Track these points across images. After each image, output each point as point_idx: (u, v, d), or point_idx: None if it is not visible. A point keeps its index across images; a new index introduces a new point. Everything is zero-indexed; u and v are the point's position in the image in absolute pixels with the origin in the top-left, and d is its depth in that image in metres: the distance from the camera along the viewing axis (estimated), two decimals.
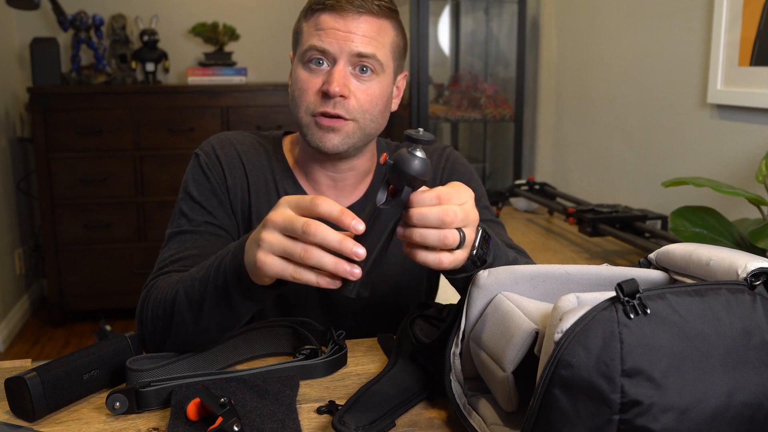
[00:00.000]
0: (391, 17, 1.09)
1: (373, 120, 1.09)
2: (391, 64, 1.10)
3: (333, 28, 1.04)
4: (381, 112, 1.10)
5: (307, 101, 1.07)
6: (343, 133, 1.07)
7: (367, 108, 1.07)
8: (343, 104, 1.05)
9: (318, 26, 1.06)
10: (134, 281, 3.32)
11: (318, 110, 1.06)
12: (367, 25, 1.05)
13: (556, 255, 2.01)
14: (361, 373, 0.96)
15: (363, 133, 1.09)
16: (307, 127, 1.08)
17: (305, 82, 1.07)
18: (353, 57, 1.05)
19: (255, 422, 0.79)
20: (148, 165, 3.33)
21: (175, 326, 0.94)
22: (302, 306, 1.19)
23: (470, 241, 0.80)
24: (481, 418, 0.78)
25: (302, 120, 1.08)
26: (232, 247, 0.87)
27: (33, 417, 0.83)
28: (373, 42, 1.05)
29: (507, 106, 3.00)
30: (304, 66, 1.07)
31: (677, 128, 1.99)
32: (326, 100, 1.05)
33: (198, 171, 1.15)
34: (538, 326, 0.71)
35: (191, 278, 0.92)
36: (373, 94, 1.07)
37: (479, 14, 3.21)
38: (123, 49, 3.55)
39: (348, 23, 1.04)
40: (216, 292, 0.88)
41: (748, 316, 0.65)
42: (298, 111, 1.08)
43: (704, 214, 1.39)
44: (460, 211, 0.76)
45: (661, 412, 0.60)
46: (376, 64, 1.06)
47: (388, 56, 1.08)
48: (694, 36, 1.89)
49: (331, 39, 1.04)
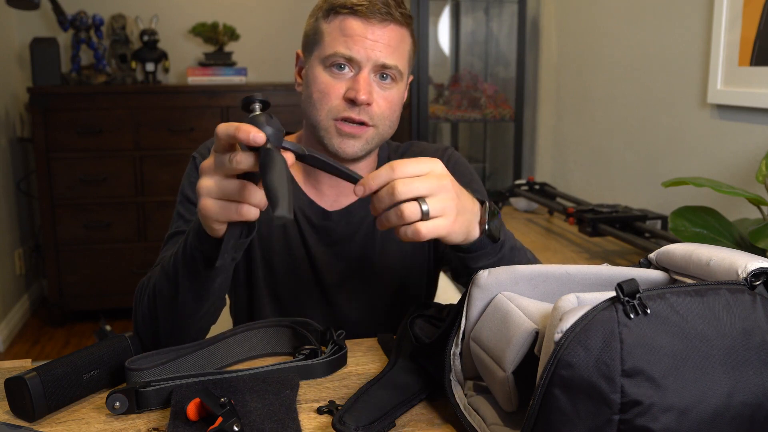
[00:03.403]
0: (409, 25, 1.11)
1: (391, 126, 1.12)
2: (407, 72, 1.13)
3: (360, 36, 1.05)
4: (397, 118, 1.13)
5: (330, 105, 1.07)
6: (363, 140, 1.08)
7: (387, 114, 1.09)
8: (367, 111, 1.06)
9: (344, 31, 1.06)
10: (134, 281, 3.32)
11: (341, 115, 1.06)
12: (392, 33, 1.06)
13: (556, 255, 2.01)
14: (361, 373, 0.96)
15: (380, 138, 1.11)
16: (326, 131, 1.08)
17: (328, 86, 1.07)
18: (378, 66, 1.06)
19: (255, 422, 0.79)
20: (148, 165, 3.33)
21: (159, 309, 0.97)
22: (302, 306, 1.19)
23: (445, 208, 0.80)
24: (481, 418, 0.78)
25: (321, 123, 1.08)
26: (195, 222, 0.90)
27: (33, 417, 0.83)
28: (396, 52, 1.07)
29: (507, 106, 3.00)
30: (326, 69, 1.07)
31: (677, 128, 1.99)
32: (351, 107, 1.06)
33: (194, 173, 1.16)
34: (538, 326, 0.71)
35: (169, 257, 0.96)
36: (393, 101, 1.09)
37: (479, 14, 3.21)
38: (123, 49, 3.55)
39: (375, 31, 1.05)
40: (185, 261, 0.91)
41: (748, 316, 0.65)
42: (317, 114, 1.08)
43: (704, 214, 1.39)
44: (416, 181, 0.78)
45: (661, 412, 0.60)
46: (397, 73, 1.08)
47: (405, 64, 1.11)
48: (694, 36, 1.89)
49: (359, 47, 1.04)
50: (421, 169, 0.79)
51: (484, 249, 0.90)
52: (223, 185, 0.78)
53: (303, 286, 1.19)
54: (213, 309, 1.00)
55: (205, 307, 0.97)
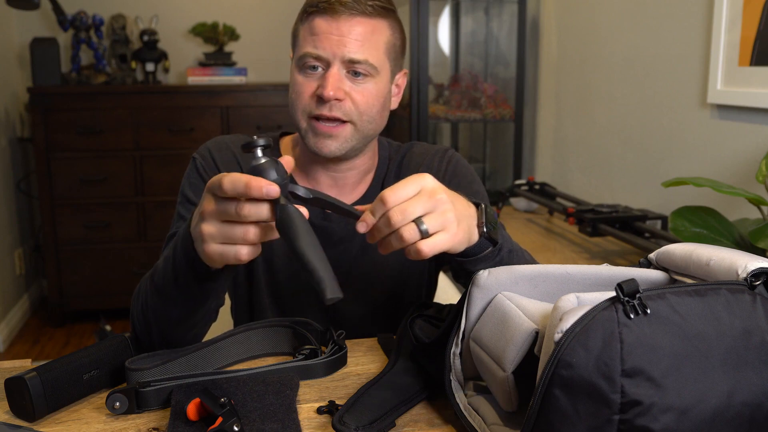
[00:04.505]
0: (386, 16, 1.09)
1: (371, 121, 1.10)
2: (387, 65, 1.10)
3: (326, 33, 1.05)
4: (378, 113, 1.10)
5: (303, 104, 1.08)
6: (340, 138, 1.08)
7: (364, 109, 1.08)
8: (339, 106, 1.06)
9: (312, 30, 1.06)
10: (134, 281, 3.30)
11: (314, 113, 1.06)
12: (360, 27, 1.05)
13: (556, 255, 2.01)
14: (361, 373, 0.96)
15: (361, 135, 1.10)
16: (305, 131, 1.09)
17: (301, 86, 1.08)
18: (346, 62, 1.05)
19: (255, 422, 0.79)
20: (148, 165, 3.33)
21: (152, 321, 0.96)
22: (302, 306, 1.19)
23: (444, 223, 0.80)
24: (481, 418, 0.78)
25: (300, 123, 1.09)
26: (180, 239, 0.88)
27: (33, 417, 0.83)
28: (365, 45, 1.05)
29: (507, 106, 3.00)
30: (300, 70, 1.08)
31: (677, 128, 1.99)
32: (322, 104, 1.06)
33: (194, 174, 1.16)
34: (538, 326, 0.71)
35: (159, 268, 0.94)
36: (369, 95, 1.08)
37: (479, 14, 3.20)
38: (123, 49, 3.55)
39: (341, 26, 1.05)
40: (176, 282, 0.89)
41: (748, 316, 0.65)
42: (295, 114, 1.10)
43: (704, 214, 1.39)
44: (411, 204, 0.78)
45: (661, 412, 0.60)
46: (369, 68, 1.06)
47: (382, 58, 1.08)
48: (694, 36, 1.89)
49: (325, 44, 1.05)
50: (412, 190, 0.79)
51: (483, 252, 0.90)
52: (226, 231, 0.77)
53: (303, 286, 1.19)
54: (206, 319, 0.99)
55: (198, 316, 0.96)
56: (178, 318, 0.94)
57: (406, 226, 0.78)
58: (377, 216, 0.79)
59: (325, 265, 0.71)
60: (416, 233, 0.78)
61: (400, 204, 0.78)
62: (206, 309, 0.96)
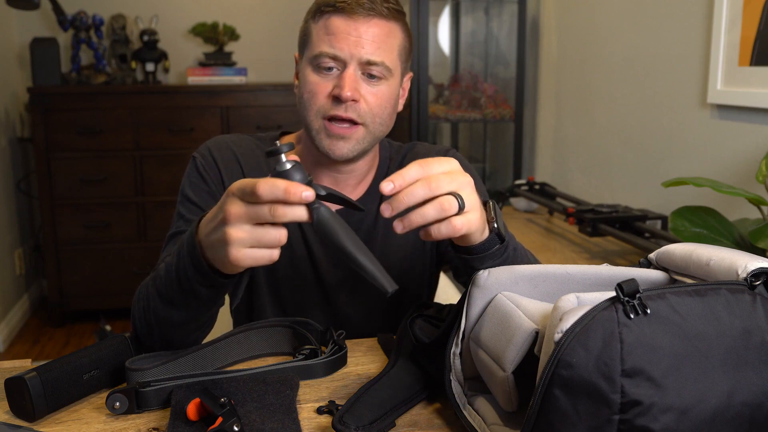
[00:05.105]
0: (399, 19, 1.09)
1: (382, 123, 1.10)
2: (399, 67, 1.10)
3: (344, 33, 1.04)
4: (389, 115, 1.11)
5: (318, 104, 1.06)
6: (353, 140, 1.07)
7: (377, 112, 1.07)
8: (354, 108, 1.05)
9: (328, 30, 1.05)
10: (134, 281, 3.32)
11: (329, 113, 1.05)
12: (377, 29, 1.05)
13: (556, 255, 2.01)
14: (361, 373, 0.96)
15: (372, 137, 1.09)
16: (317, 132, 1.08)
17: (316, 86, 1.06)
18: (363, 63, 1.05)
19: (255, 422, 0.79)
20: (148, 165, 3.32)
21: (154, 324, 0.95)
22: (303, 306, 1.19)
23: (473, 203, 0.80)
24: (481, 418, 0.78)
25: (312, 123, 1.08)
26: (185, 247, 0.87)
27: (33, 417, 0.83)
28: (382, 47, 1.05)
29: (507, 106, 3.00)
30: (315, 70, 1.07)
31: (677, 128, 1.99)
32: (338, 104, 1.05)
33: (195, 173, 1.16)
34: (538, 326, 0.71)
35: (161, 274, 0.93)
36: (383, 98, 1.07)
37: (479, 14, 3.21)
38: (123, 49, 3.55)
39: (358, 27, 1.04)
40: (181, 288, 0.88)
41: (748, 316, 0.65)
42: (308, 114, 1.08)
43: (704, 214, 1.39)
44: (445, 177, 0.77)
45: (661, 412, 0.60)
46: (385, 70, 1.06)
47: (395, 60, 1.08)
48: (694, 36, 1.89)
49: (342, 44, 1.04)
50: (444, 167, 0.78)
51: (492, 249, 0.89)
52: (259, 235, 0.77)
53: (303, 286, 1.19)
54: (211, 321, 0.99)
55: (203, 318, 0.96)
56: (182, 321, 0.94)
57: (446, 196, 0.76)
58: (410, 178, 0.76)
59: (373, 259, 0.75)
60: (455, 204, 0.77)
61: (443, 173, 0.77)
62: (211, 312, 0.95)
